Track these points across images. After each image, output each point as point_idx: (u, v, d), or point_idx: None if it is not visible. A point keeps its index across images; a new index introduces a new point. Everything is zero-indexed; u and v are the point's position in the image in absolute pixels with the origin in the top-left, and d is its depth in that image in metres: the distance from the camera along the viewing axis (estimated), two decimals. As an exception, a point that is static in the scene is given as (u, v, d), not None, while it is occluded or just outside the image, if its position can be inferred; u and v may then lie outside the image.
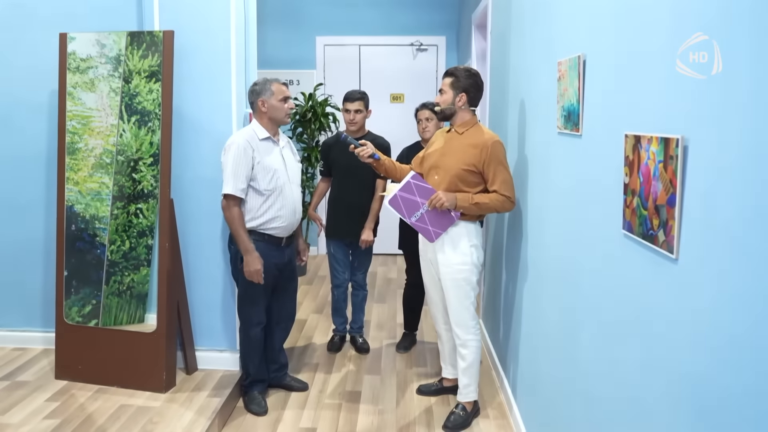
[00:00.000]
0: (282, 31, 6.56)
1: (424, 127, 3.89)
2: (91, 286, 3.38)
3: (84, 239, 3.38)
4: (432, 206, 2.93)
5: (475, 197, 2.94)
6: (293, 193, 3.20)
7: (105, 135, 3.33)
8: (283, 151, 3.21)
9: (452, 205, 2.92)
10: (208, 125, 3.36)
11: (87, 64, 3.35)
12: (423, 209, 2.97)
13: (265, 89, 3.09)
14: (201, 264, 3.46)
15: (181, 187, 3.40)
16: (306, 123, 5.88)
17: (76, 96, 3.36)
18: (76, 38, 3.35)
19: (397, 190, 2.99)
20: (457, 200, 2.92)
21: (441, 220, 2.98)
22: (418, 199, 2.98)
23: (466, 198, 2.93)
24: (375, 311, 5.02)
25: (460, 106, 3.02)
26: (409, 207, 2.98)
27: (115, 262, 3.37)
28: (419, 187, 2.98)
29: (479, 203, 2.93)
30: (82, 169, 3.38)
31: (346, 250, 4.09)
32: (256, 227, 3.12)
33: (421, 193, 2.97)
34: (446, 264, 3.04)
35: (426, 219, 2.99)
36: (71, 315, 3.39)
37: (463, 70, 3.04)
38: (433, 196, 2.92)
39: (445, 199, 2.90)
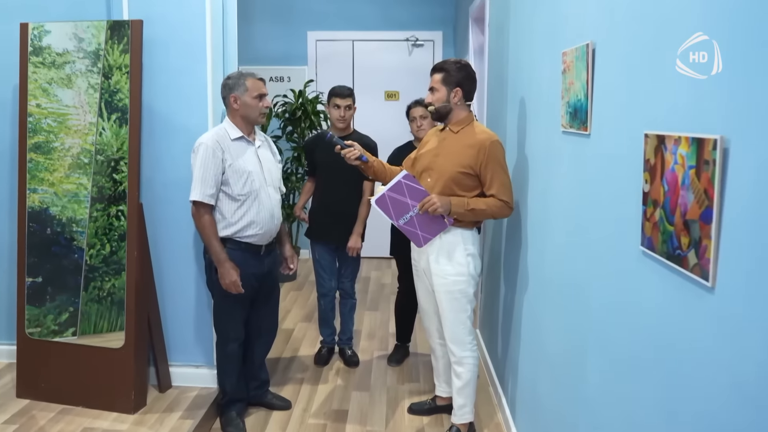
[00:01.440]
0: (272, 26, 6.31)
1: (419, 126, 3.64)
2: (67, 293, 3.14)
3: (60, 243, 3.15)
4: (424, 210, 2.68)
5: (471, 202, 2.69)
6: (270, 197, 2.94)
7: (83, 134, 3.10)
8: (259, 151, 2.95)
9: (446, 211, 2.67)
10: (181, 123, 3.10)
11: (63, 59, 3.12)
12: (413, 212, 2.72)
13: (239, 84, 2.83)
14: (174, 273, 3.21)
15: (152, 191, 3.14)
16: (296, 121, 5.62)
17: (52, 92, 3.14)
18: (51, 32, 3.11)
19: (386, 190, 2.73)
20: (451, 205, 2.68)
21: (432, 224, 2.73)
22: (409, 201, 2.72)
23: (461, 203, 2.68)
24: (366, 319, 4.77)
25: (455, 102, 2.77)
26: (397, 208, 2.73)
27: (95, 267, 3.13)
28: (411, 189, 2.72)
29: (475, 209, 2.68)
30: (58, 170, 3.15)
31: (333, 255, 3.83)
32: (232, 235, 2.86)
33: (412, 195, 2.72)
34: (440, 275, 2.79)
35: (415, 222, 2.74)
36: (46, 324, 3.16)
37: (452, 63, 2.78)
38: (426, 199, 2.68)
39: (439, 204, 2.65)
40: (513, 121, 3.10)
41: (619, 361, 1.59)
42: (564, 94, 2.10)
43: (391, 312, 4.88)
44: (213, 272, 2.89)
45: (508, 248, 3.16)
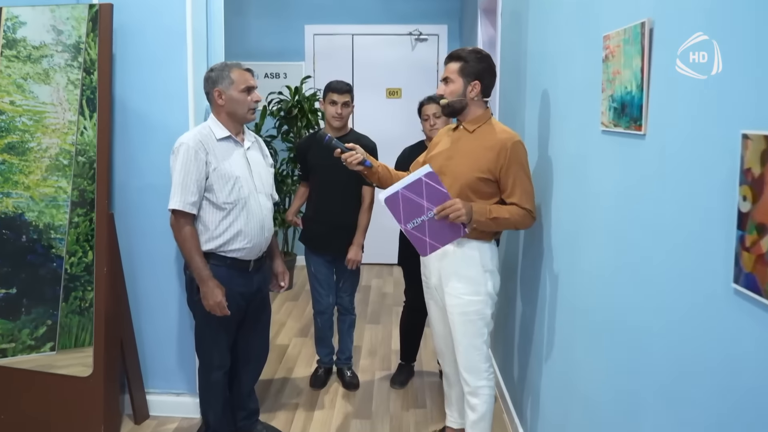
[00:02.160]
0: (267, 19, 5.99)
1: (432, 125, 3.29)
2: (45, 305, 2.88)
3: (36, 251, 2.88)
4: (442, 215, 2.30)
5: (494, 210, 2.34)
6: (261, 205, 2.58)
7: (62, 133, 2.84)
8: (248, 153, 2.60)
9: (468, 219, 2.30)
10: (159, 121, 2.76)
11: (40, 53, 2.86)
12: (427, 216, 2.33)
13: (222, 77, 2.48)
14: (152, 289, 2.86)
15: (127, 197, 2.80)
16: (292, 120, 5.27)
17: (27, 89, 2.88)
18: (27, 23, 2.86)
19: (401, 187, 2.31)
20: (473, 212, 2.31)
21: (444, 232, 2.34)
22: (425, 203, 2.32)
23: (483, 210, 2.33)
24: (367, 334, 4.42)
25: (472, 97, 2.42)
26: (409, 210, 2.33)
27: (76, 276, 2.85)
28: (430, 189, 2.31)
29: (498, 218, 2.33)
30: (34, 172, 2.88)
31: (330, 268, 3.48)
32: (215, 249, 2.51)
33: (430, 197, 2.32)
34: (454, 294, 2.45)
35: (426, 228, 2.35)
36: (21, 338, 2.87)
37: (471, 52, 2.43)
38: (448, 203, 2.28)
39: (464, 210, 2.27)
40: (532, 119, 2.74)
41: (693, 425, 1.23)
42: (606, 86, 1.75)
43: (394, 325, 4.53)
44: (195, 291, 2.54)
45: (526, 261, 2.81)
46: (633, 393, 1.56)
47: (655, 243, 1.45)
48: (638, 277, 1.55)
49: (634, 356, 1.56)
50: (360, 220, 3.38)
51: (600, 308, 1.82)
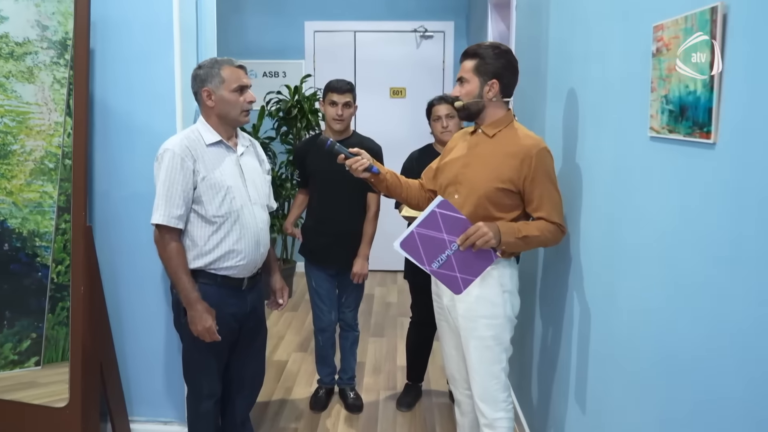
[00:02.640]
0: (265, 16, 5.75)
1: (445, 127, 3.03)
2: (30, 317, 2.69)
3: (20, 260, 2.68)
4: (468, 245, 2.04)
5: (523, 228, 2.08)
6: (256, 217, 2.33)
7: (47, 135, 2.64)
8: (241, 160, 2.34)
9: (498, 241, 2.04)
10: (143, 124, 2.50)
11: (24, 50, 2.64)
12: (451, 250, 2.06)
13: (212, 75, 2.22)
14: (136, 309, 2.61)
15: (108, 208, 2.54)
16: (291, 120, 5.01)
17: (10, 88, 2.65)
18: (9, 18, 2.64)
19: (414, 227, 2.06)
20: (501, 233, 2.04)
21: (474, 262, 2.07)
22: (445, 236, 2.06)
23: (511, 230, 2.06)
24: (371, 348, 4.16)
25: (490, 98, 2.17)
26: (430, 248, 2.07)
27: (63, 285, 2.66)
28: (447, 219, 2.06)
29: (528, 236, 2.07)
30: (17, 176, 2.67)
31: (332, 282, 3.22)
32: (205, 267, 2.26)
33: (449, 227, 2.06)
34: (469, 316, 2.20)
35: (454, 264, 2.08)
36: (3, 353, 2.66)
37: (489, 47, 2.18)
38: (472, 229, 2.03)
39: (492, 233, 2.01)
40: (555, 122, 2.49)
41: None
42: (657, 84, 1.49)
43: (399, 338, 4.29)
44: (182, 312, 2.29)
45: (548, 278, 2.55)
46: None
47: (724, 271, 1.20)
48: (700, 311, 1.29)
49: (700, 412, 1.30)
50: (365, 229, 3.12)
51: (652, 348, 1.55)
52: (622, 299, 1.75)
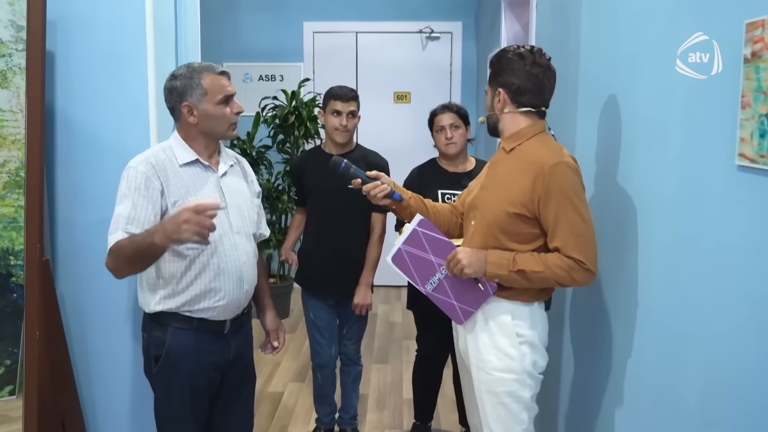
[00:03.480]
0: (261, 15, 5.45)
1: (449, 138, 2.71)
2: (3, 343, 2.35)
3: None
4: (450, 271, 1.83)
5: (520, 259, 1.76)
6: (238, 250, 1.98)
7: (23, 144, 2.34)
8: (223, 181, 1.99)
9: (479, 271, 1.78)
10: (112, 140, 2.18)
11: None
12: (441, 274, 1.88)
13: (191, 86, 1.86)
14: (104, 354, 2.28)
15: (73, 238, 2.21)
16: (288, 128, 4.67)
17: None
18: None
19: (400, 243, 1.90)
20: (486, 264, 1.77)
21: (469, 292, 1.85)
22: (432, 258, 1.88)
23: (502, 261, 1.77)
24: (374, 378, 3.81)
25: (501, 109, 1.87)
26: (421, 268, 1.90)
27: None
28: (431, 240, 1.88)
29: (526, 272, 1.74)
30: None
31: (332, 313, 2.88)
32: (178, 308, 1.92)
33: (435, 249, 1.88)
34: (482, 366, 1.88)
35: (447, 288, 1.88)
36: None
37: (500, 52, 1.92)
38: (451, 255, 1.82)
39: (467, 262, 1.77)
40: (588, 135, 2.14)
41: None
42: (753, 98, 1.15)
43: (405, 364, 3.95)
44: (152, 360, 1.96)
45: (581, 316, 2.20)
46: None
47: None
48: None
49: None
50: (368, 254, 2.79)
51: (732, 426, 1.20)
52: (693, 371, 1.40)
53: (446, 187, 2.75)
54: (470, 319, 1.88)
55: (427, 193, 2.72)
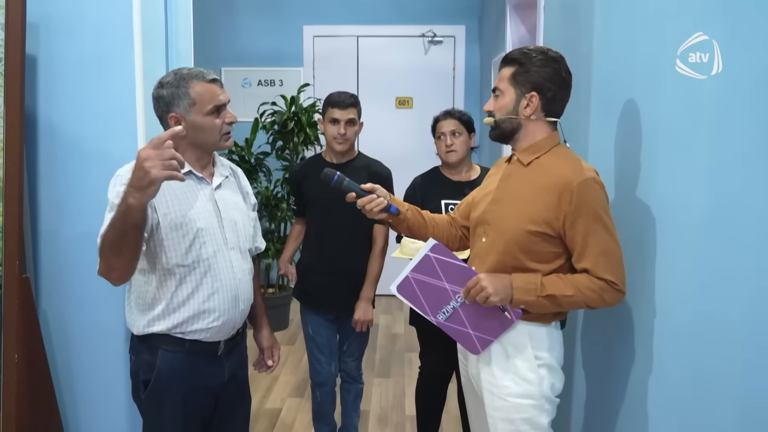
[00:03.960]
0: (260, 19, 5.34)
1: (449, 146, 2.60)
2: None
3: None
4: (471, 299, 1.67)
5: (549, 283, 1.65)
6: (233, 267, 1.85)
7: (2, 152, 2.12)
8: (218, 193, 1.87)
9: (505, 299, 1.65)
10: (98, 148, 2.06)
11: None
12: (456, 302, 1.72)
13: (179, 96, 1.73)
14: (92, 377, 2.15)
15: (57, 252, 2.09)
16: (287, 134, 4.56)
17: None
18: None
19: (409, 271, 1.74)
20: (513, 289, 1.65)
21: (488, 319, 1.71)
22: (447, 286, 1.72)
23: (529, 285, 1.65)
24: (375, 392, 3.68)
25: (528, 115, 1.72)
26: (432, 298, 1.74)
27: None
28: (445, 265, 1.71)
29: (555, 296, 1.64)
30: None
31: (332, 329, 2.75)
32: (169, 330, 1.79)
33: (450, 275, 1.72)
34: (496, 392, 1.75)
35: (462, 317, 1.73)
36: None
37: (534, 51, 1.74)
38: (471, 282, 1.67)
39: (492, 290, 1.64)
40: (602, 143, 2.02)
41: None
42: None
43: (407, 378, 3.83)
44: (140, 385, 1.84)
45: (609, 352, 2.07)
46: None
47: None
48: None
49: None
50: (370, 267, 2.66)
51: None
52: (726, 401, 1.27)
53: (449, 197, 2.63)
54: (491, 345, 1.75)
55: (430, 203, 2.61)
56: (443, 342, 2.47)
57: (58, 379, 2.13)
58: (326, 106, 2.60)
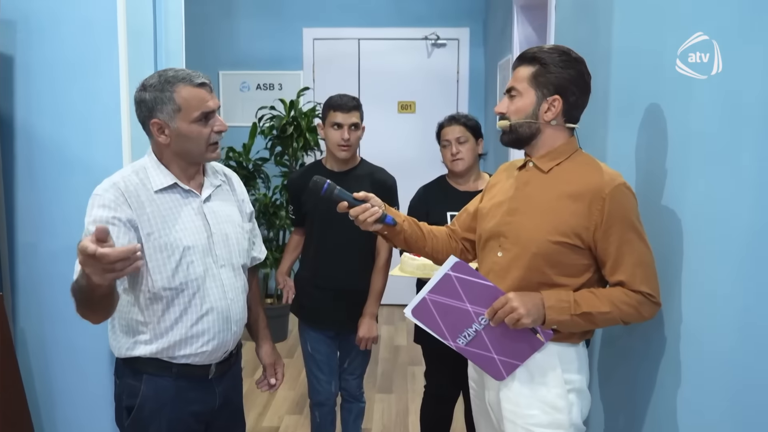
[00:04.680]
0: (259, 21, 5.22)
1: (455, 153, 2.46)
2: None
3: None
4: (498, 321, 1.52)
5: (583, 300, 1.51)
6: (225, 286, 1.71)
7: None
8: (207, 206, 1.72)
9: (537, 320, 1.51)
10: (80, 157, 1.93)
11: None
12: (480, 324, 1.57)
13: (162, 101, 1.58)
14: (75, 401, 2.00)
15: (35, 267, 1.95)
16: (286, 139, 4.41)
17: None
18: None
19: (426, 292, 1.59)
20: (545, 308, 1.51)
21: (515, 342, 1.57)
22: (469, 307, 1.57)
23: (562, 304, 1.51)
24: (377, 409, 3.53)
25: (548, 120, 1.59)
26: (452, 320, 1.59)
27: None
28: (468, 285, 1.56)
29: (592, 314, 1.51)
30: None
31: (332, 346, 2.60)
32: (156, 354, 1.65)
33: (472, 296, 1.56)
34: (520, 423, 1.60)
35: (486, 340, 1.59)
36: None
37: (556, 52, 1.61)
38: (499, 302, 1.52)
39: (524, 311, 1.49)
40: (621, 155, 1.88)
41: None
42: None
43: (411, 394, 3.68)
44: (123, 412, 1.70)
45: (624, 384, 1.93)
46: None
47: None
48: None
49: None
50: (373, 282, 2.52)
51: None
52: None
53: (456, 208, 2.47)
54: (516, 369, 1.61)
55: (435, 214, 2.46)
56: (452, 361, 2.33)
57: (36, 403, 1.98)
58: (327, 110, 2.46)
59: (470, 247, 1.87)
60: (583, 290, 1.54)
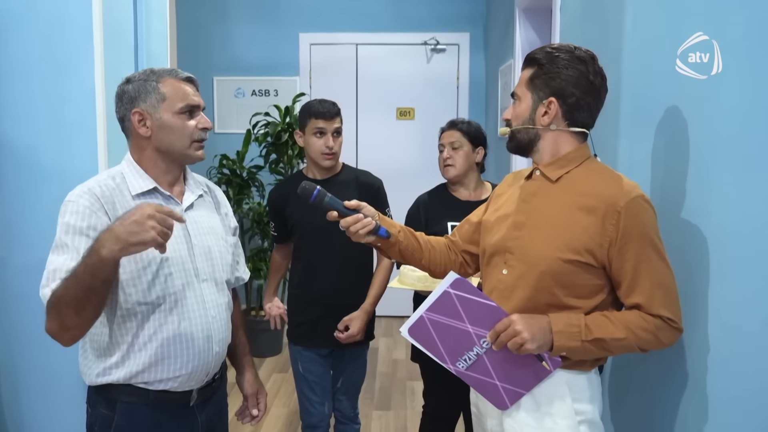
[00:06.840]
0: (255, 26, 5.12)
1: (446, 159, 2.37)
2: None
3: None
4: (500, 345, 1.39)
5: (595, 325, 1.38)
6: (206, 302, 1.58)
7: None
8: (189, 215, 1.60)
9: (543, 346, 1.38)
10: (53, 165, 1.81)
11: None
12: (481, 348, 1.44)
13: (146, 90, 1.48)
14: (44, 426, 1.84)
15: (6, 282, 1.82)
16: (281, 147, 4.30)
17: None
18: None
19: (424, 310, 1.46)
20: (553, 333, 1.37)
21: (520, 368, 1.44)
22: (470, 328, 1.44)
23: (571, 329, 1.37)
24: (375, 426, 3.40)
25: (546, 124, 1.46)
26: (450, 341, 1.46)
27: None
28: (467, 303, 1.42)
29: (605, 340, 1.37)
30: None
31: (325, 365, 2.47)
32: (129, 379, 1.51)
33: (473, 316, 1.43)
34: None
35: (488, 365, 1.45)
36: None
37: (556, 50, 1.48)
38: (501, 325, 1.39)
39: (529, 335, 1.36)
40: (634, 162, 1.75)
41: None
42: None
43: (410, 410, 3.55)
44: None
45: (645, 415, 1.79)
46: None
47: None
48: None
49: None
50: (375, 278, 2.43)
51: None
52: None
53: (457, 218, 2.35)
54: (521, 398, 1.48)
55: (435, 224, 2.35)
56: (451, 381, 2.19)
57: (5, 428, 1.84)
58: (307, 117, 2.34)
59: (471, 260, 1.74)
60: (596, 314, 1.40)
